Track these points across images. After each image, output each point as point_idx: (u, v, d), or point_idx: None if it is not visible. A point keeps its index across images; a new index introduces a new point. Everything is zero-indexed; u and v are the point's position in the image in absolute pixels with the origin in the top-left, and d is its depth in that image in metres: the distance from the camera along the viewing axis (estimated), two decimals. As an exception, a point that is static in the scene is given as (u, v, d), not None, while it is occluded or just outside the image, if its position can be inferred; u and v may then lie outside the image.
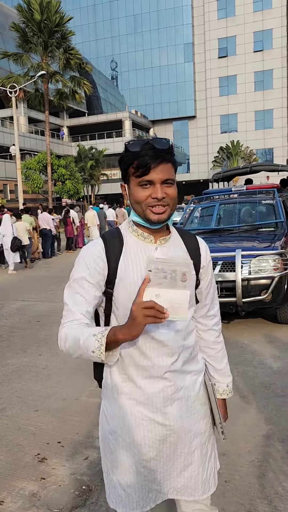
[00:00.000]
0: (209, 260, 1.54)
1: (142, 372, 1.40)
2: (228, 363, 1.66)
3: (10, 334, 5.88)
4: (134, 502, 1.45)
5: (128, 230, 1.47)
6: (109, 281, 1.40)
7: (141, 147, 1.33)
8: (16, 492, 2.54)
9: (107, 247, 1.42)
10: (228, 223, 6.78)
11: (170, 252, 1.44)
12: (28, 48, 24.07)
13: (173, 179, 1.37)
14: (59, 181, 27.51)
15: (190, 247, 1.49)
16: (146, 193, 1.35)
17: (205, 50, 49.90)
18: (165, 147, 1.34)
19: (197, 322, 1.59)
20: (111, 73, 55.42)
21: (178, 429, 1.44)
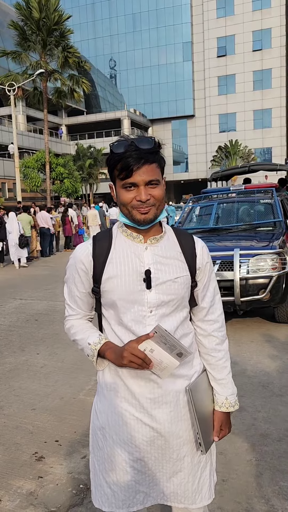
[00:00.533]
0: (206, 262, 1.49)
1: (130, 371, 1.39)
2: (230, 374, 1.55)
3: (8, 333, 5.88)
4: (120, 501, 1.43)
5: (119, 230, 1.47)
6: (95, 280, 1.43)
7: (125, 148, 1.31)
8: (13, 490, 2.54)
9: (95, 247, 1.44)
10: (226, 222, 6.78)
11: (161, 252, 1.42)
12: (27, 46, 24.00)
13: (157, 179, 1.34)
14: (58, 180, 27.47)
15: (185, 248, 1.46)
16: (131, 196, 1.34)
17: (204, 49, 49.86)
18: (149, 147, 1.31)
19: (195, 326, 1.54)
20: (110, 72, 55.35)
21: (166, 433, 1.41)
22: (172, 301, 1.40)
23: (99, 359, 1.43)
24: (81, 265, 1.44)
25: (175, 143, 53.71)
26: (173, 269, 1.41)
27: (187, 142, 52.90)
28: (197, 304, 1.51)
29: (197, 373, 1.50)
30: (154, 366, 1.30)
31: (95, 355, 1.40)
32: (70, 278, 1.50)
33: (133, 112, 50.31)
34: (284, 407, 3.41)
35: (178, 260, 1.43)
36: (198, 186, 40.62)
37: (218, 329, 1.53)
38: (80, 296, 1.50)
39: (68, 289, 1.53)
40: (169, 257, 1.43)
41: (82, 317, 1.54)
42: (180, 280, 1.41)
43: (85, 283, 1.46)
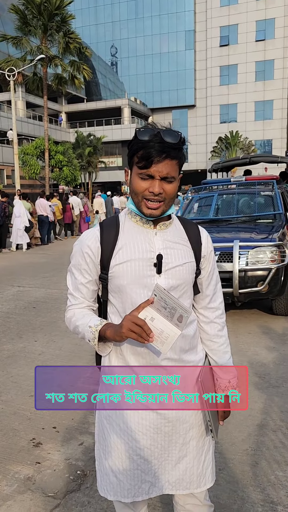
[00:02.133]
0: (210, 250, 1.52)
1: (139, 358, 1.40)
2: (231, 358, 1.59)
3: (6, 320, 5.88)
4: (126, 489, 1.44)
5: (127, 216, 1.47)
6: (103, 266, 1.42)
7: (149, 137, 1.29)
8: (11, 475, 2.56)
9: (103, 233, 1.43)
10: (226, 214, 6.77)
11: (170, 237, 1.43)
12: (28, 31, 23.65)
13: (174, 176, 1.34)
14: (57, 168, 27.27)
15: (191, 235, 1.49)
16: (144, 186, 1.34)
17: (207, 38, 49.27)
18: (174, 141, 1.29)
19: (198, 313, 1.57)
20: (111, 59, 54.68)
21: (173, 419, 1.43)
22: (180, 285, 1.42)
23: (100, 343, 1.39)
24: (89, 251, 1.43)
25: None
26: (181, 254, 1.43)
27: (187, 132, 52.51)
28: (199, 292, 1.53)
29: (202, 360, 1.52)
30: (155, 338, 1.24)
31: (96, 337, 1.35)
32: (76, 265, 1.47)
33: (134, 100, 49.85)
34: (280, 398, 3.44)
35: (186, 246, 1.46)
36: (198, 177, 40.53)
37: (219, 316, 1.57)
38: (85, 284, 1.47)
39: (73, 277, 1.49)
40: (178, 243, 1.45)
41: (84, 307, 1.50)
42: (187, 265, 1.43)
43: (92, 269, 1.44)
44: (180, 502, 1.57)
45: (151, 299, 1.25)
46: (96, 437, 1.55)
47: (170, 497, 1.99)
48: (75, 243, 1.51)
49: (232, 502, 2.29)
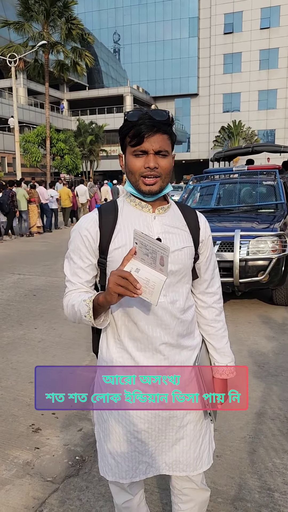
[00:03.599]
0: (208, 235, 1.53)
1: (137, 343, 1.40)
2: (228, 343, 1.62)
3: (6, 307, 5.89)
4: (124, 471, 1.47)
5: (126, 200, 1.47)
6: (101, 250, 1.41)
7: (138, 117, 1.32)
8: (10, 460, 2.58)
9: (101, 217, 1.43)
10: (228, 203, 6.73)
11: (169, 222, 1.44)
12: (29, 16, 23.38)
13: (167, 150, 1.35)
14: (58, 156, 27.14)
15: (189, 220, 1.48)
16: (140, 163, 1.35)
17: (211, 25, 48.62)
18: (163, 118, 1.33)
19: (196, 298, 1.58)
20: (114, 46, 54.07)
21: (171, 404, 1.44)
22: (179, 270, 1.42)
23: (96, 319, 1.34)
24: (88, 234, 1.42)
25: (178, 122, 52.92)
26: (180, 239, 1.43)
27: (189, 121, 52.15)
28: (198, 277, 1.53)
29: (199, 345, 1.54)
30: (142, 289, 1.20)
31: (90, 307, 1.32)
32: (75, 250, 1.45)
33: (136, 88, 49.41)
34: (278, 387, 3.45)
35: (184, 231, 1.46)
36: (200, 167, 40.27)
37: (217, 301, 1.58)
38: (84, 268, 1.45)
39: (71, 263, 1.47)
40: (176, 227, 1.45)
41: (82, 292, 1.45)
42: (186, 250, 1.43)
43: (90, 254, 1.43)
44: (177, 487, 1.58)
45: (133, 248, 1.22)
46: (95, 420, 1.56)
47: (167, 483, 2.01)
48: (73, 228, 1.49)
49: (230, 488, 2.30)
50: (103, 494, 2.27)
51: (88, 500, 2.24)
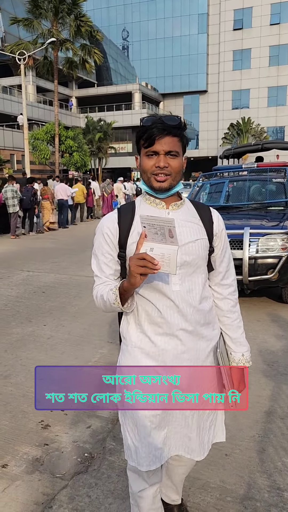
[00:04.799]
0: (221, 229, 1.64)
1: (156, 328, 1.53)
2: (243, 333, 1.72)
3: (16, 304, 5.92)
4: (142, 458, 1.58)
5: (142, 199, 1.62)
6: (121, 245, 1.56)
7: (152, 122, 1.47)
8: (19, 456, 2.59)
9: (120, 215, 1.59)
10: (237, 201, 6.70)
11: (182, 217, 1.56)
12: (38, 13, 23.41)
13: (177, 151, 1.49)
14: (67, 153, 27.18)
15: (202, 216, 1.61)
16: (151, 163, 1.49)
17: (220, 21, 48.26)
18: (174, 123, 1.46)
19: (212, 290, 1.69)
20: (122, 43, 53.91)
21: (185, 388, 1.55)
22: (194, 260, 1.54)
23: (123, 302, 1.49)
24: (108, 231, 1.58)
25: (187, 119, 52.56)
26: (193, 231, 1.55)
27: (198, 118, 51.90)
28: (213, 269, 1.65)
29: (217, 336, 1.65)
30: (160, 263, 1.33)
31: (117, 295, 1.47)
32: (99, 247, 1.61)
33: (145, 85, 49.24)
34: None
35: (197, 225, 1.58)
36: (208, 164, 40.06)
37: (232, 293, 1.69)
38: (107, 263, 1.60)
39: (96, 259, 1.63)
40: (190, 221, 1.57)
41: (108, 284, 1.60)
42: (199, 242, 1.55)
43: (112, 249, 1.58)
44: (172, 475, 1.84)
45: (143, 232, 1.37)
46: (120, 405, 1.65)
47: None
48: (97, 227, 1.65)
49: (239, 487, 2.29)
50: (112, 491, 2.27)
51: (97, 497, 2.24)
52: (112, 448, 2.65)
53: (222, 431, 1.77)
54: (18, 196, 12.64)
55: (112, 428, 2.87)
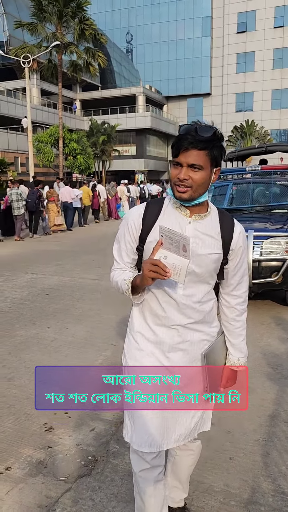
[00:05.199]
0: (240, 246, 1.67)
1: (156, 319, 1.67)
2: (244, 341, 1.80)
3: (19, 306, 5.93)
4: (144, 441, 1.68)
5: (170, 201, 1.67)
6: (141, 239, 1.66)
7: (186, 131, 1.50)
8: (23, 459, 2.59)
9: (146, 211, 1.66)
10: (241, 203, 6.69)
11: (202, 229, 1.61)
12: (43, 17, 23.49)
13: (201, 165, 1.49)
14: (71, 156, 27.24)
15: (224, 229, 1.64)
16: (175, 172, 1.54)
17: (224, 24, 48.37)
18: (207, 135, 1.47)
19: (221, 297, 1.78)
20: (126, 46, 54.07)
21: (179, 375, 1.66)
22: (202, 272, 1.61)
23: (134, 294, 1.63)
24: (132, 224, 1.67)
25: (190, 121, 52.55)
26: (208, 246, 1.61)
27: (202, 121, 51.86)
28: (224, 279, 1.72)
29: (214, 333, 1.74)
30: (171, 272, 1.45)
31: (129, 287, 1.61)
32: (122, 235, 1.72)
33: (149, 88, 49.35)
34: (293, 389, 3.41)
35: (215, 239, 1.63)
36: (212, 167, 39.84)
37: (240, 304, 1.77)
38: (126, 251, 1.71)
39: (117, 245, 1.75)
40: (207, 235, 1.62)
41: (125, 270, 1.73)
42: (212, 256, 1.61)
43: (132, 240, 1.69)
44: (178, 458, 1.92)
45: (160, 240, 1.47)
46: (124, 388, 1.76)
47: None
48: (124, 216, 1.76)
49: (243, 491, 2.28)
50: (116, 495, 2.27)
51: (100, 500, 2.24)
52: (116, 451, 2.65)
53: (209, 420, 1.86)
54: (23, 199, 12.80)
55: (116, 431, 2.86)
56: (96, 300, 6.18)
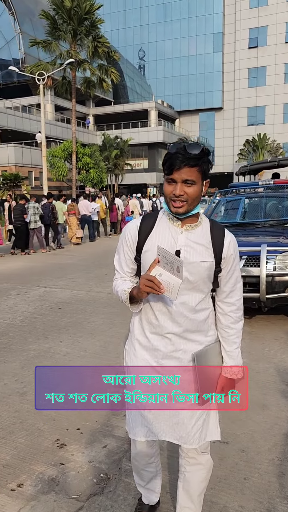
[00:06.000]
0: (231, 254, 1.76)
1: (151, 327, 1.78)
2: (238, 349, 1.86)
3: (32, 320, 5.96)
4: (139, 431, 1.86)
5: (165, 213, 1.78)
6: (138, 250, 1.79)
7: (176, 150, 1.58)
8: (35, 476, 2.58)
9: (142, 224, 1.78)
10: (253, 217, 6.67)
11: (193, 238, 1.71)
12: (57, 35, 24.00)
13: (194, 180, 1.60)
14: (84, 170, 27.53)
15: (215, 238, 1.74)
16: (170, 189, 1.64)
17: (235, 40, 48.87)
18: (195, 152, 1.56)
19: (216, 305, 1.85)
20: (139, 62, 54.88)
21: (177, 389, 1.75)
22: (195, 280, 1.70)
23: (132, 304, 1.77)
24: (129, 236, 1.80)
25: (202, 135, 53.02)
26: (200, 254, 1.70)
27: (214, 135, 52.22)
28: (218, 286, 1.80)
29: (208, 342, 1.80)
30: (165, 288, 1.57)
31: (127, 297, 1.75)
32: (120, 246, 1.85)
33: (161, 103, 49.87)
34: (308, 407, 3.34)
35: (206, 248, 1.72)
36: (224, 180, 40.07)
37: (234, 311, 1.83)
38: (126, 261, 1.84)
39: (118, 256, 1.88)
40: (199, 243, 1.71)
41: (126, 280, 1.87)
42: (204, 264, 1.70)
43: (130, 251, 1.81)
44: (184, 450, 1.91)
45: (157, 258, 1.59)
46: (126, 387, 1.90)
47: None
48: (124, 228, 1.87)
49: (258, 513, 2.23)
50: (128, 514, 2.24)
51: (113, 519, 2.21)
52: (129, 469, 2.61)
53: (217, 429, 1.89)
54: (39, 213, 13.21)
55: (128, 448, 2.83)
56: (109, 314, 6.18)
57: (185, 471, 1.94)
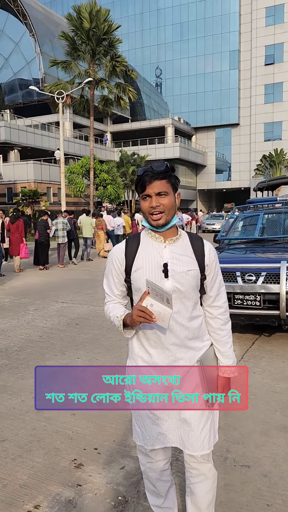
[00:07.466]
0: (212, 260, 1.88)
1: (151, 342, 1.84)
2: (232, 348, 1.96)
3: (50, 335, 5.96)
4: (147, 439, 1.89)
5: (146, 233, 1.89)
6: (127, 271, 1.87)
7: (143, 171, 1.75)
8: (52, 497, 2.53)
9: (127, 247, 1.87)
10: (272, 233, 6.60)
11: (177, 250, 1.82)
12: (76, 56, 24.61)
13: (166, 191, 1.75)
14: (101, 186, 27.84)
15: (195, 248, 1.85)
16: (147, 204, 1.78)
17: (251, 57, 49.27)
18: (161, 169, 1.73)
19: (205, 310, 1.95)
20: (156, 80, 55.72)
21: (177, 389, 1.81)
22: (185, 289, 1.79)
23: (125, 329, 1.82)
24: (116, 260, 1.89)
25: (219, 151, 53.23)
26: (186, 264, 1.81)
27: (230, 151, 52.35)
28: (205, 293, 1.90)
29: (206, 347, 1.90)
30: (157, 317, 1.64)
31: (121, 324, 1.81)
32: (109, 270, 1.94)
33: (177, 120, 50.36)
34: None
35: (190, 258, 1.83)
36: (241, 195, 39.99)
37: (222, 313, 1.94)
38: (115, 285, 1.93)
39: (107, 280, 1.97)
40: (183, 254, 1.82)
41: (116, 302, 1.96)
42: (191, 272, 1.80)
43: (119, 274, 1.90)
44: (187, 461, 1.93)
45: (147, 290, 1.66)
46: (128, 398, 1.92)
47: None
48: (109, 253, 1.95)
49: None
50: (147, 540, 2.17)
51: None
52: (147, 492, 2.55)
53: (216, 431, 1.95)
54: (68, 228, 13.67)
55: (147, 470, 2.77)
56: (126, 330, 6.14)
57: (190, 483, 1.96)
